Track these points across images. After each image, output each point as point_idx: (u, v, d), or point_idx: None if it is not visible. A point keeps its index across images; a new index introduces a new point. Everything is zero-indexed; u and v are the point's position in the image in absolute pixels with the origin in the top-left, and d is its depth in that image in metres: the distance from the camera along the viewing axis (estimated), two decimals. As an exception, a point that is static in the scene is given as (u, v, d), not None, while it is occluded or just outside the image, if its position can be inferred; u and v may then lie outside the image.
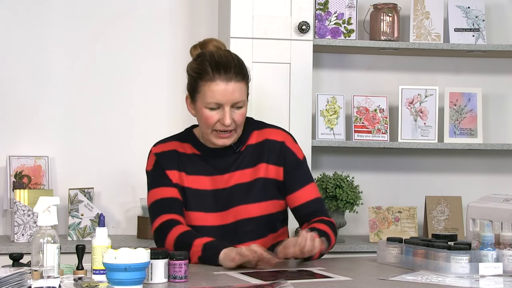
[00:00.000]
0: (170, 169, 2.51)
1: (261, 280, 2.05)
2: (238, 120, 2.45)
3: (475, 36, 3.76)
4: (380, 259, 2.42)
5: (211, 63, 2.43)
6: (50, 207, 1.90)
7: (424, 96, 3.71)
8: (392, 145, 3.65)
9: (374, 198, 3.79)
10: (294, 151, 2.58)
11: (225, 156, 2.53)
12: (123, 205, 3.68)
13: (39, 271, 1.86)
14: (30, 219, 3.32)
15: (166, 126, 3.62)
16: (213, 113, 2.43)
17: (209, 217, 2.49)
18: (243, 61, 2.50)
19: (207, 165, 2.52)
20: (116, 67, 3.68)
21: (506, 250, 2.21)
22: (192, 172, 2.52)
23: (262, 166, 2.53)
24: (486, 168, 3.94)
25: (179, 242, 2.36)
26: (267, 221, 2.53)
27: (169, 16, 3.73)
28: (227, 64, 2.42)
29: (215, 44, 2.54)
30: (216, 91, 2.41)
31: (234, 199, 2.50)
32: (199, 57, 2.49)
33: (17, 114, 3.61)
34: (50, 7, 3.63)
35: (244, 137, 2.55)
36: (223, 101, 2.41)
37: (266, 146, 2.55)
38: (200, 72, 2.44)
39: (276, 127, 2.63)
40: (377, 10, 3.69)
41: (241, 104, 2.45)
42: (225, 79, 2.41)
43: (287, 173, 2.55)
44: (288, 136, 2.60)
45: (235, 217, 2.50)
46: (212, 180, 2.51)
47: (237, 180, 2.51)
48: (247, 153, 2.54)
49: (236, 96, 2.42)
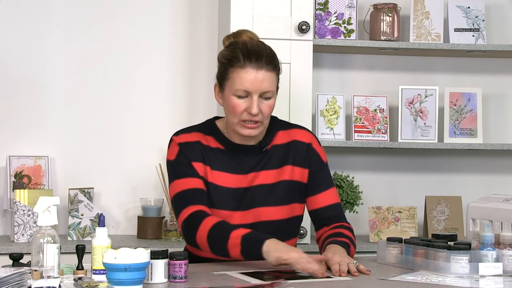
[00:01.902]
0: (196, 160, 2.43)
1: (261, 280, 2.05)
2: (265, 111, 2.40)
3: (475, 36, 3.76)
4: (380, 259, 2.42)
5: (243, 50, 2.40)
6: (50, 207, 1.90)
7: (424, 96, 3.71)
8: (392, 145, 3.65)
9: (374, 198, 3.79)
10: (320, 154, 2.55)
11: (250, 154, 2.47)
12: (123, 205, 3.67)
13: (39, 271, 1.86)
14: (30, 219, 3.32)
15: (166, 126, 3.62)
16: (241, 101, 2.39)
17: (230, 216, 2.42)
18: (276, 53, 2.47)
19: (232, 161, 2.46)
20: (116, 67, 3.68)
21: (506, 250, 2.21)
22: (216, 168, 2.45)
23: (288, 168, 2.49)
24: (486, 168, 3.94)
25: (213, 235, 2.29)
26: (286, 226, 2.49)
27: (169, 15, 3.73)
28: (259, 52, 2.40)
29: (249, 35, 2.52)
30: (245, 78, 2.37)
31: (256, 200, 2.45)
32: (232, 45, 2.46)
33: (17, 114, 3.61)
34: (50, 8, 3.63)
35: (269, 136, 2.51)
36: (252, 89, 2.37)
37: (293, 147, 2.51)
38: (231, 58, 2.40)
39: (302, 127, 2.60)
40: (377, 10, 3.69)
41: (269, 95, 2.41)
42: (256, 67, 2.37)
43: (311, 175, 2.51)
44: (314, 138, 2.57)
45: (255, 218, 2.45)
46: (235, 178, 2.45)
47: (261, 180, 2.46)
48: (273, 153, 2.49)
49: (265, 86, 2.39)
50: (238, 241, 2.25)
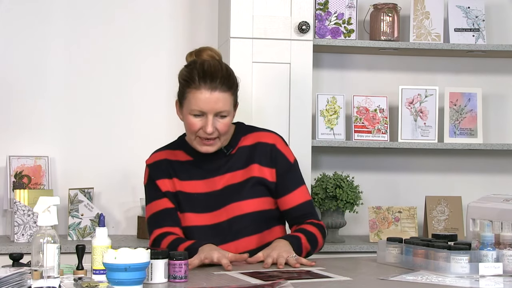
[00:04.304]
0: (160, 178, 2.58)
1: (261, 280, 2.05)
2: (221, 129, 2.49)
3: (475, 36, 3.76)
4: (380, 259, 2.42)
5: (199, 71, 2.48)
6: (50, 207, 1.90)
7: (424, 96, 3.71)
8: (392, 145, 3.65)
9: (374, 198, 3.79)
10: (285, 154, 2.62)
11: (216, 159, 2.57)
12: (123, 205, 3.68)
13: (39, 271, 1.86)
14: (30, 219, 3.32)
15: (165, 126, 3.62)
16: (197, 120, 2.49)
17: (202, 217, 2.54)
18: (233, 72, 2.55)
19: (200, 169, 2.58)
20: (116, 67, 3.69)
21: (506, 250, 2.21)
22: (185, 178, 2.58)
23: (255, 167, 2.57)
24: (486, 168, 3.94)
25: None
26: (261, 218, 2.56)
27: (169, 16, 3.73)
28: (214, 73, 2.48)
29: (210, 53, 2.59)
30: (200, 99, 2.46)
31: (226, 198, 2.55)
32: (190, 65, 2.56)
33: (17, 114, 3.61)
34: (50, 9, 3.63)
35: (234, 140, 2.60)
36: (206, 109, 2.46)
37: (258, 148, 2.59)
38: (188, 79, 2.50)
39: (267, 130, 2.67)
40: (377, 10, 3.69)
41: (225, 114, 2.49)
42: (210, 88, 2.46)
43: (279, 176, 2.59)
44: (279, 139, 2.64)
45: (228, 214, 2.53)
46: (204, 183, 2.57)
47: (228, 181, 2.56)
48: (238, 155, 2.58)
49: (220, 106, 2.47)
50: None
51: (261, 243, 2.52)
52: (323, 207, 3.49)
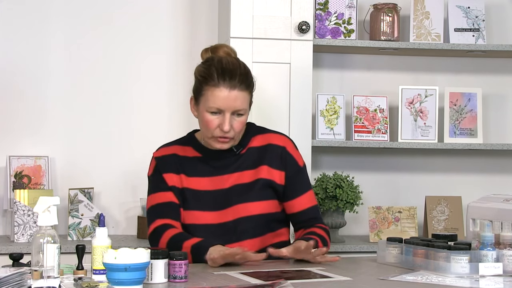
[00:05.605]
0: (168, 172, 2.55)
1: (261, 280, 2.05)
2: (237, 127, 2.48)
3: (475, 36, 3.76)
4: (380, 259, 2.42)
5: (217, 68, 2.46)
6: (50, 207, 1.90)
7: (424, 96, 3.71)
8: (392, 145, 3.65)
9: (374, 198, 3.79)
10: (295, 158, 2.60)
11: (225, 157, 2.56)
12: (123, 205, 3.68)
13: (39, 271, 1.86)
14: (30, 219, 3.32)
15: (166, 126, 3.62)
16: (214, 118, 2.47)
17: (208, 216, 2.52)
18: (250, 70, 2.54)
19: (208, 166, 2.56)
20: (116, 67, 3.69)
21: (506, 250, 2.21)
22: (192, 174, 2.55)
23: (264, 168, 2.55)
24: (486, 168, 3.94)
25: (170, 245, 2.41)
26: (266, 220, 2.55)
27: (169, 16, 3.73)
28: (233, 71, 2.46)
29: (226, 50, 2.57)
30: (218, 96, 2.44)
31: (233, 198, 2.53)
32: (207, 61, 2.52)
33: (17, 114, 3.61)
34: (50, 9, 3.63)
35: (245, 140, 2.58)
36: (224, 107, 2.45)
37: (268, 150, 2.57)
38: (206, 76, 2.47)
39: (278, 132, 2.66)
40: (377, 10, 3.69)
41: (242, 112, 2.48)
42: (229, 86, 2.44)
43: (288, 179, 2.58)
44: (290, 142, 2.63)
45: (234, 215, 2.52)
46: (211, 180, 2.55)
47: (238, 180, 2.54)
48: (248, 155, 2.57)
49: (238, 104, 2.46)
50: (188, 251, 2.37)
51: (263, 246, 2.50)
52: (323, 207, 3.49)
